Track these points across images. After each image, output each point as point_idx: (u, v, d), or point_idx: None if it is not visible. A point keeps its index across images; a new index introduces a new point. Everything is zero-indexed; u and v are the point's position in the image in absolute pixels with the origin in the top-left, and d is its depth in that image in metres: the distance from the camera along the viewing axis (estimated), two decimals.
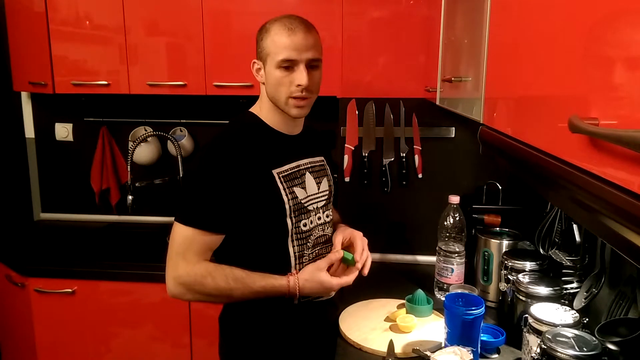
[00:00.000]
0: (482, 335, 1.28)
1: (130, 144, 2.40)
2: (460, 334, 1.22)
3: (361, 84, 1.96)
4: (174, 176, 2.44)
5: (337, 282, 1.25)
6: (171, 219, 1.24)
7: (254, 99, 1.36)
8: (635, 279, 1.16)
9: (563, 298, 1.31)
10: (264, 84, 1.28)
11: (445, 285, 1.63)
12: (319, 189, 1.36)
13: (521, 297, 1.35)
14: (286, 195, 1.25)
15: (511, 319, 1.41)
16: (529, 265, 1.45)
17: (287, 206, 1.25)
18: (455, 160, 1.97)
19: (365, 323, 1.48)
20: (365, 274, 1.32)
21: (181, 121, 2.49)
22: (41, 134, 2.63)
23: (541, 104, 0.71)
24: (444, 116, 1.89)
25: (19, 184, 2.63)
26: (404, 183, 1.99)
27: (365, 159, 1.99)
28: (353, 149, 1.99)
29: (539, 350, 1.03)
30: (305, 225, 1.30)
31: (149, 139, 2.42)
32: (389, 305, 1.59)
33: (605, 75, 0.52)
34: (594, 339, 1.02)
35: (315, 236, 1.33)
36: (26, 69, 2.31)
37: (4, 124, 2.55)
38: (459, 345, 1.16)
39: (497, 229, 1.72)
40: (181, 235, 1.21)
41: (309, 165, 1.35)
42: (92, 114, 2.53)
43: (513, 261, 1.47)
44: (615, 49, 0.50)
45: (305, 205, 1.30)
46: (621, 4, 0.49)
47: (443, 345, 1.29)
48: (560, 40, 0.64)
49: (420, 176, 1.98)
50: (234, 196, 1.20)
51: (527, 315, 1.18)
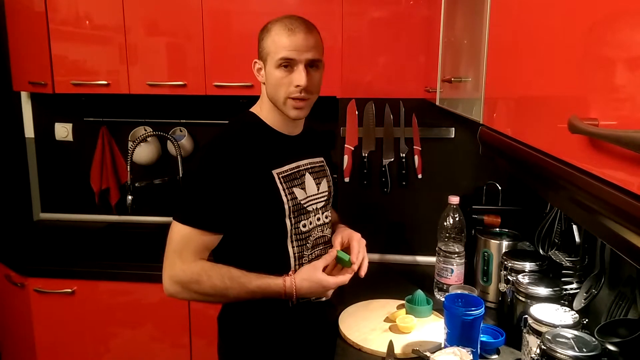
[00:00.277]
0: (481, 335, 1.28)
1: (130, 144, 2.39)
2: (459, 334, 1.22)
3: (361, 84, 1.96)
4: (173, 176, 2.44)
5: (334, 280, 1.25)
6: (171, 219, 1.24)
7: (254, 99, 1.36)
8: (634, 280, 1.16)
9: (563, 299, 1.31)
10: (264, 84, 1.28)
11: (445, 285, 1.63)
12: (318, 189, 1.36)
13: (521, 297, 1.35)
14: (285, 195, 1.25)
15: (511, 320, 1.41)
16: (528, 265, 1.45)
17: (286, 207, 1.25)
18: (455, 161, 1.97)
19: (365, 324, 1.48)
20: (362, 276, 1.31)
21: (181, 121, 2.49)
22: (41, 134, 2.63)
23: (541, 105, 0.71)
24: (443, 116, 1.89)
25: (18, 183, 2.63)
26: (403, 183, 1.99)
27: (365, 159, 1.99)
28: (353, 149, 1.99)
29: (538, 351, 1.03)
30: (304, 226, 1.30)
31: (148, 139, 2.42)
32: (388, 306, 1.59)
33: (605, 76, 0.51)
34: (594, 339, 1.02)
35: (314, 237, 1.33)
36: (26, 68, 2.31)
37: (3, 124, 2.55)
38: (458, 346, 1.16)
39: (497, 229, 1.73)
40: (179, 234, 1.21)
41: (309, 166, 1.35)
42: (92, 113, 2.53)
43: (513, 262, 1.47)
44: (615, 49, 0.50)
45: (305, 206, 1.30)
46: (621, 4, 0.49)
47: (443, 345, 1.29)
48: (560, 41, 0.64)
49: (420, 176, 1.98)
50: (233, 196, 1.20)
51: (526, 316, 1.19)
